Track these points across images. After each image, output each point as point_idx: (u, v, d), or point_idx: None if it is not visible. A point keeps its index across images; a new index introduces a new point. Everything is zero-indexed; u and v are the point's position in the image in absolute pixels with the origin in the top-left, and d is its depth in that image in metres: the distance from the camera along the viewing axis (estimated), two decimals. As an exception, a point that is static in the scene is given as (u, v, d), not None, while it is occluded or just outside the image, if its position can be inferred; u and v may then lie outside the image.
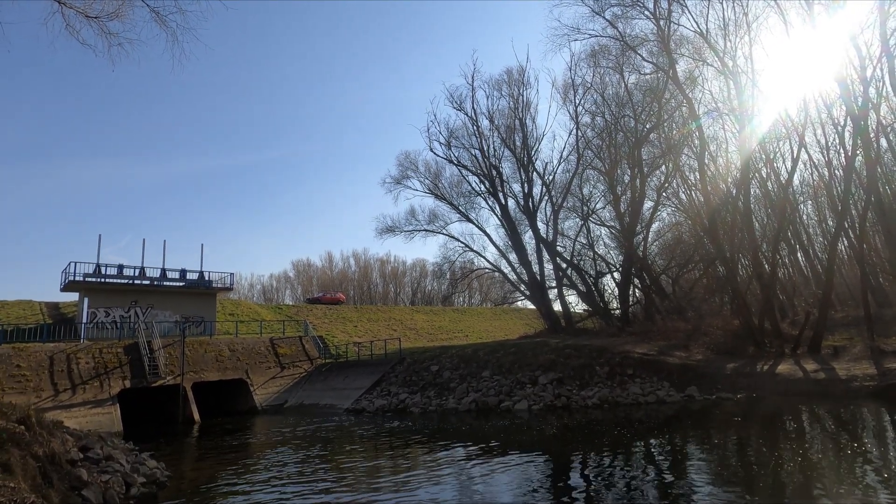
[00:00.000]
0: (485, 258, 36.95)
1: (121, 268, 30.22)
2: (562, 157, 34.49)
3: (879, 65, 23.52)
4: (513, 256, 35.33)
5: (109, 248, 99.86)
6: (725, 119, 29.11)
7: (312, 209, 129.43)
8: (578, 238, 34.45)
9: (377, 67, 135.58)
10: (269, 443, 16.47)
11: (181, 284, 31.61)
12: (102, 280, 29.19)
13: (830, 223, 35.59)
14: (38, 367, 22.54)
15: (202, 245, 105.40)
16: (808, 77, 24.19)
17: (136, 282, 30.23)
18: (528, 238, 34.83)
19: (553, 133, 71.43)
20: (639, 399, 18.77)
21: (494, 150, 34.64)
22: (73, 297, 32.22)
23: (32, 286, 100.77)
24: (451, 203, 36.14)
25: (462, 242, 36.27)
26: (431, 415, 19.79)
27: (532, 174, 33.96)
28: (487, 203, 35.61)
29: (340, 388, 25.81)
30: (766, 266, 26.07)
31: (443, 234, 36.83)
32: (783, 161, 33.24)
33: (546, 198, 34.16)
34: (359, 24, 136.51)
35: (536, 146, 34.27)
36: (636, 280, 32.72)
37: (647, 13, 25.58)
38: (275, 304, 51.03)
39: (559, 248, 33.76)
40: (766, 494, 7.89)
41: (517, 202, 34.54)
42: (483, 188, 35.13)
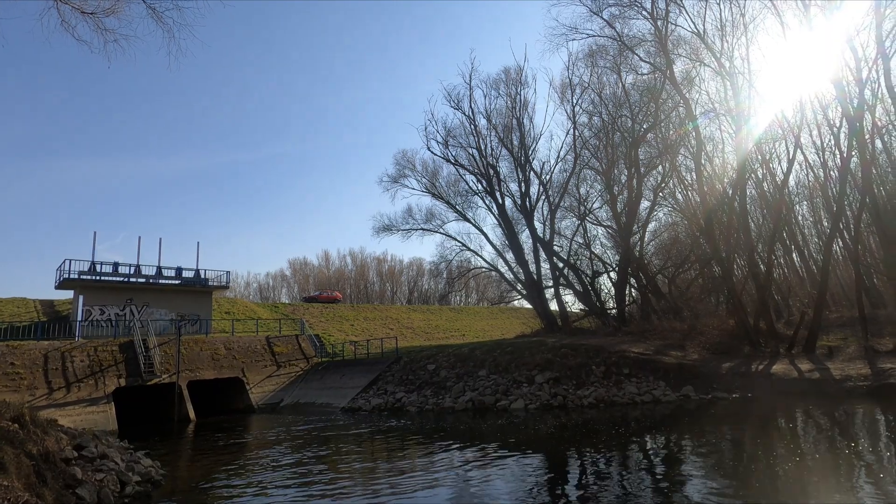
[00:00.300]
0: (482, 257, 37.00)
1: (116, 265, 30.09)
2: (559, 157, 34.70)
3: (875, 67, 23.60)
4: (510, 256, 35.41)
5: (105, 246, 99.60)
6: (722, 120, 29.28)
7: (309, 208, 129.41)
8: (575, 238, 34.57)
9: (375, 66, 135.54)
10: (265, 442, 16.43)
11: (177, 282, 31.49)
12: (97, 278, 29.05)
13: (825, 224, 35.73)
14: (33, 366, 22.43)
15: (198, 243, 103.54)
16: (805, 78, 24.30)
17: (132, 279, 30.10)
18: (525, 237, 34.98)
19: (550, 133, 71.83)
20: (635, 398, 18.81)
21: (492, 150, 34.73)
22: (68, 295, 32.07)
23: (27, 284, 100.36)
24: (449, 202, 36.18)
25: (459, 241, 36.32)
26: (428, 414, 19.79)
27: (529, 174, 34.08)
28: (484, 202, 35.70)
29: (337, 387, 25.78)
30: (762, 266, 26.16)
31: (440, 233, 36.88)
32: (779, 162, 33.40)
33: (543, 197, 34.25)
34: (357, 23, 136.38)
35: (534, 146, 34.40)
36: (633, 280, 32.80)
37: (645, 13, 25.69)
38: (271, 303, 50.90)
39: (556, 248, 33.84)
40: (762, 493, 7.93)
41: (514, 201, 34.62)
42: (480, 187, 35.21)
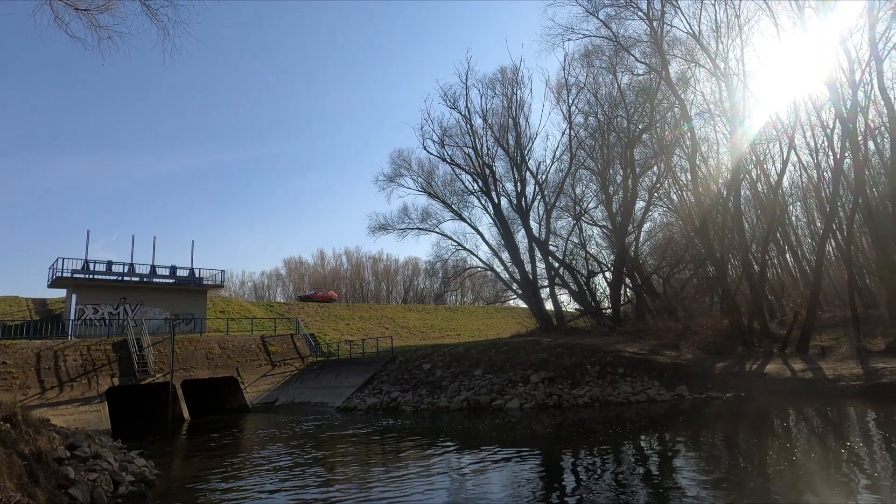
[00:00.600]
0: (477, 257, 36.98)
1: (109, 264, 29.91)
2: (555, 157, 34.72)
3: (868, 68, 23.76)
4: (505, 255, 35.42)
5: (98, 244, 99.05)
6: (717, 121, 29.42)
7: (304, 207, 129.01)
8: (571, 237, 34.58)
9: (370, 65, 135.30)
10: (260, 441, 16.38)
11: (171, 281, 31.34)
12: (91, 276, 28.87)
13: (819, 225, 36.00)
14: (25, 365, 22.26)
15: (193, 242, 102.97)
16: (799, 80, 24.43)
17: (126, 278, 29.95)
18: (521, 237, 35.02)
19: (546, 132, 71.40)
20: (629, 398, 18.86)
21: (488, 149, 34.73)
22: (61, 294, 31.84)
23: (19, 282, 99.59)
24: (444, 201, 36.17)
25: (455, 241, 36.30)
26: (423, 413, 19.78)
27: (525, 173, 34.11)
28: (480, 202, 35.68)
29: (332, 387, 25.73)
30: (756, 267, 26.33)
31: (435, 233, 36.87)
32: (773, 163, 33.66)
33: (539, 197, 34.28)
34: (352, 22, 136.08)
35: (530, 145, 34.42)
36: (627, 280, 32.91)
37: (641, 14, 25.75)
38: (266, 302, 50.77)
39: (551, 248, 33.88)
40: (754, 493, 7.96)
41: (510, 201, 34.65)
42: (476, 187, 35.20)
